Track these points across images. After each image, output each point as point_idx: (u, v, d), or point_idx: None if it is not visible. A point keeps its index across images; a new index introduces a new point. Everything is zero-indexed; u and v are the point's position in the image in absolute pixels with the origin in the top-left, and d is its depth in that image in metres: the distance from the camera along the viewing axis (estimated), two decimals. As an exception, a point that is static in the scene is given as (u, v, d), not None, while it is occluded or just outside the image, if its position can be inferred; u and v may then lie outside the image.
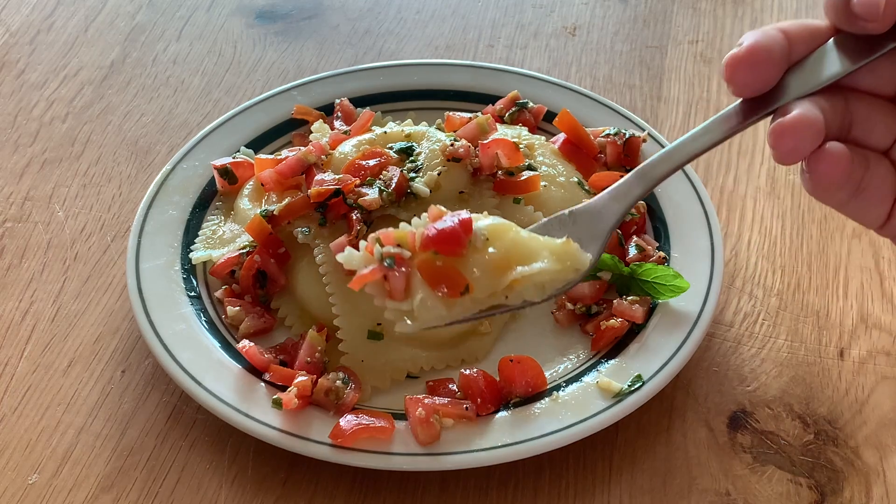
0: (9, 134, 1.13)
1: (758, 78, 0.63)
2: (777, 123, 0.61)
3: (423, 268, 0.71)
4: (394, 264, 0.70)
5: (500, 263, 0.72)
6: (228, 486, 0.81)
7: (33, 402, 0.86)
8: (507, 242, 0.73)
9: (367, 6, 1.33)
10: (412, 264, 0.70)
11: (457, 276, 0.71)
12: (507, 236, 0.73)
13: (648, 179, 0.72)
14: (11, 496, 0.80)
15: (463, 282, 0.71)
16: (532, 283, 0.73)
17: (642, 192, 0.73)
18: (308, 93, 1.09)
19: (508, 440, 0.79)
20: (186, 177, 0.99)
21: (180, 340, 0.85)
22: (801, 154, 0.61)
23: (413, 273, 0.71)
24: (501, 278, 0.72)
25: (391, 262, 0.70)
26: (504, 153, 0.93)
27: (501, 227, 0.74)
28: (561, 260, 0.73)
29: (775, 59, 0.62)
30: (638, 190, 0.73)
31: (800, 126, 0.60)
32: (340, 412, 0.80)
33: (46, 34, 1.27)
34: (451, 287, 0.71)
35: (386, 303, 0.72)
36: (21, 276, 0.97)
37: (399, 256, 0.71)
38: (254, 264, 0.90)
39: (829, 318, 0.94)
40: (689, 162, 0.70)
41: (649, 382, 0.82)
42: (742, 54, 0.62)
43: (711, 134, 0.68)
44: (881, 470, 0.82)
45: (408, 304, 0.72)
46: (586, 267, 0.74)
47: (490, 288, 0.72)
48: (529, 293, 0.74)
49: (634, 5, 1.33)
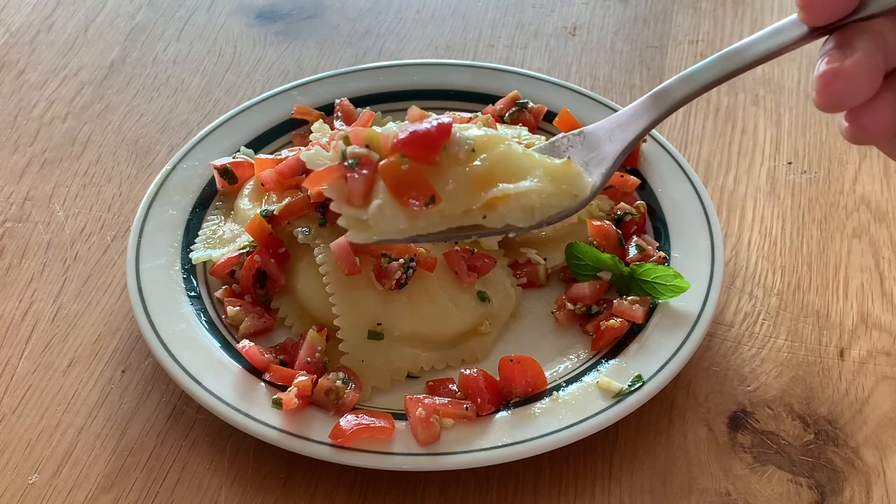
0: (9, 134, 1.13)
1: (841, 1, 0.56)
2: (830, 69, 0.55)
3: (385, 171, 0.63)
4: (356, 165, 0.63)
5: (480, 177, 0.65)
6: (228, 486, 0.81)
7: (33, 402, 0.86)
8: (494, 156, 0.65)
9: (368, 6, 1.33)
10: (378, 168, 0.63)
11: (422, 184, 0.63)
12: (497, 149, 0.65)
13: (667, 101, 0.66)
14: (11, 496, 0.80)
15: (429, 191, 0.63)
16: (518, 204, 0.65)
17: (660, 114, 0.66)
18: (308, 93, 1.09)
19: (508, 440, 0.79)
20: (186, 177, 0.99)
21: (180, 340, 0.85)
22: (850, 104, 0.56)
23: (378, 178, 0.63)
24: (479, 194, 0.64)
25: (354, 163, 0.63)
26: (504, 153, 0.93)
27: (491, 139, 0.66)
28: (556, 182, 0.66)
29: None
30: (655, 111, 0.67)
31: (856, 73, 0.55)
32: (340, 412, 0.80)
33: (46, 34, 1.27)
34: (414, 196, 0.63)
35: (343, 208, 0.65)
36: (21, 276, 0.97)
37: (365, 158, 0.63)
38: (254, 264, 0.90)
39: (830, 318, 0.94)
40: (713, 87, 0.64)
41: (649, 382, 0.82)
42: None
43: (744, 54, 0.61)
44: (881, 470, 0.82)
45: (365, 211, 0.64)
46: (586, 194, 0.66)
47: (464, 203, 0.65)
48: (514, 216, 0.66)
49: (634, 5, 1.33)
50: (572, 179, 0.66)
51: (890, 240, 1.01)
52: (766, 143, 1.13)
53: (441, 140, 0.63)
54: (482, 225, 0.68)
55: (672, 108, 0.67)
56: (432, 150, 0.63)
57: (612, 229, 0.94)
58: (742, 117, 1.16)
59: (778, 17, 1.30)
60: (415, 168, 0.63)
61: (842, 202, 1.05)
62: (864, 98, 0.56)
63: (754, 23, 1.29)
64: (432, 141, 0.63)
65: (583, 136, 0.70)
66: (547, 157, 0.69)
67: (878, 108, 0.57)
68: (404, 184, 0.63)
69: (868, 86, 0.55)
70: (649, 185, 1.00)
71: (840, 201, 1.05)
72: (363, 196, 0.64)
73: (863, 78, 0.55)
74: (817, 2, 0.57)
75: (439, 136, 0.63)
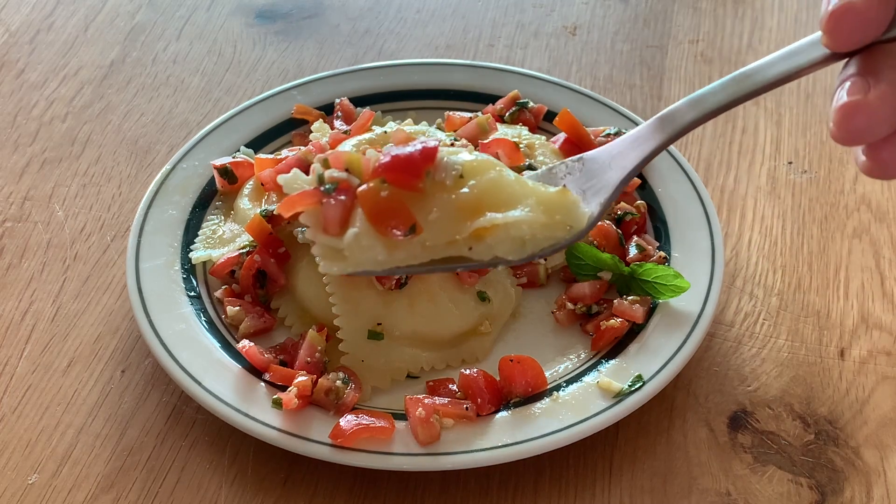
0: (8, 133, 1.13)
1: (871, 26, 0.51)
2: (852, 101, 0.50)
3: (364, 197, 0.58)
4: (334, 190, 0.58)
5: (467, 206, 0.60)
6: (228, 486, 0.81)
7: (33, 402, 0.86)
8: (484, 182, 0.60)
9: (368, 6, 1.33)
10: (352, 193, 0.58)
11: (403, 212, 0.58)
12: (487, 175, 0.61)
13: (674, 126, 0.61)
14: (11, 496, 0.79)
15: (409, 220, 0.58)
16: (508, 235, 0.61)
17: (665, 140, 0.62)
18: (308, 92, 1.09)
19: (508, 440, 0.78)
20: (186, 176, 0.99)
21: (180, 340, 0.85)
22: (871, 139, 0.52)
23: (357, 204, 0.58)
24: (465, 223, 0.60)
25: (331, 188, 0.58)
26: (504, 153, 0.93)
27: (482, 164, 0.61)
28: (549, 212, 0.61)
29: None
30: (660, 137, 0.62)
31: (880, 106, 0.50)
32: (340, 412, 0.80)
33: (46, 34, 1.27)
34: (394, 225, 0.58)
35: (317, 236, 0.61)
36: (21, 275, 0.97)
37: (344, 183, 0.58)
38: (254, 264, 0.90)
39: (830, 318, 0.94)
40: (723, 111, 0.59)
41: (650, 382, 0.82)
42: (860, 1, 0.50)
43: (757, 77, 0.57)
44: (882, 470, 0.82)
45: (339, 241, 0.60)
46: (583, 225, 0.62)
47: (448, 234, 0.60)
48: (503, 248, 0.61)
49: (635, 5, 1.33)
50: (567, 209, 0.62)
51: (890, 239, 1.01)
52: (766, 142, 1.12)
53: (425, 165, 0.59)
54: (468, 257, 0.63)
55: (678, 134, 0.62)
56: (415, 175, 0.59)
57: (612, 229, 0.94)
58: (742, 117, 1.15)
59: (778, 17, 1.30)
60: (395, 195, 0.59)
61: (842, 202, 1.05)
62: (886, 133, 0.52)
63: (755, 22, 1.29)
64: (415, 166, 0.58)
65: (582, 163, 0.66)
66: (541, 185, 0.64)
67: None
68: (383, 211, 0.58)
69: (891, 121, 0.51)
70: (650, 184, 1.00)
71: (840, 201, 1.05)
72: (339, 224, 0.59)
73: (886, 112, 0.51)
74: (844, 27, 0.52)
75: (423, 160, 0.59)
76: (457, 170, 0.60)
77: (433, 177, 0.60)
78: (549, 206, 0.61)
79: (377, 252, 0.60)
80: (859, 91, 0.51)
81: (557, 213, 0.62)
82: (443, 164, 0.60)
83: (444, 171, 0.60)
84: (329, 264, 0.60)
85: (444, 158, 0.62)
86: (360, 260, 0.60)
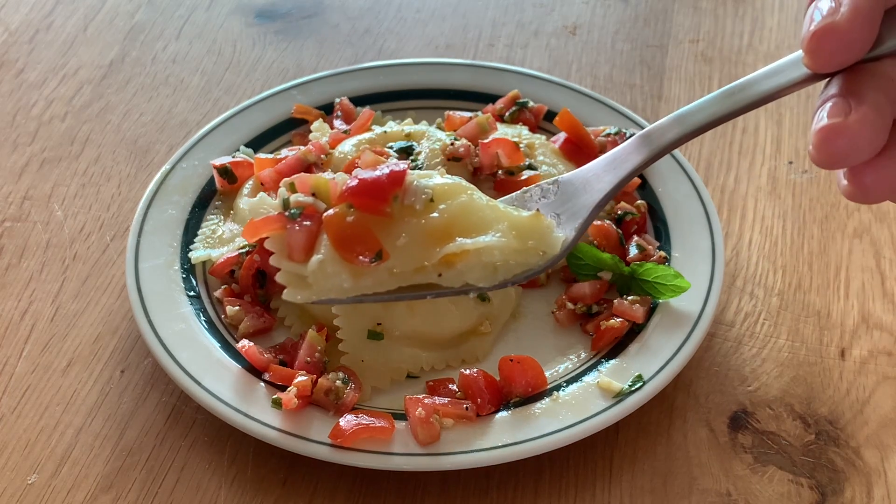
0: (8, 133, 1.13)
1: (854, 48, 0.49)
2: (831, 124, 0.48)
3: (329, 223, 0.57)
4: (298, 215, 0.57)
5: (436, 231, 0.59)
6: (228, 487, 0.80)
7: (32, 402, 0.86)
8: (454, 207, 0.59)
9: (367, 5, 1.33)
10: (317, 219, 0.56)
11: (368, 239, 0.57)
12: (458, 199, 0.59)
13: (654, 146, 0.60)
14: (10, 496, 0.79)
15: (375, 246, 0.56)
16: (479, 261, 0.59)
17: (643, 161, 0.60)
18: (308, 92, 1.09)
19: (508, 440, 0.78)
20: (186, 176, 0.99)
21: (179, 340, 0.85)
22: (852, 163, 0.50)
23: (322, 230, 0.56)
24: (434, 249, 0.59)
25: (296, 213, 0.57)
26: (504, 152, 0.93)
27: (452, 188, 0.60)
28: (521, 236, 0.60)
29: (876, 19, 0.48)
30: (639, 157, 0.61)
31: (860, 130, 0.47)
32: (340, 412, 0.80)
33: (45, 33, 1.27)
34: (360, 251, 0.56)
35: (282, 262, 0.59)
36: (20, 275, 0.97)
37: (310, 208, 0.57)
38: (253, 264, 0.90)
39: (831, 318, 0.94)
40: (708, 130, 0.58)
41: (650, 382, 0.82)
42: (844, 22, 0.47)
43: (741, 94, 0.55)
44: (882, 470, 0.82)
45: (303, 267, 0.58)
46: (556, 251, 0.61)
47: (416, 260, 0.58)
48: (473, 274, 0.60)
49: (635, 4, 1.33)
50: (541, 234, 0.60)
51: (891, 239, 1.01)
52: (766, 142, 1.12)
53: (392, 189, 0.57)
54: (437, 284, 0.61)
55: (659, 154, 0.60)
56: (381, 200, 0.57)
57: (612, 229, 0.94)
58: (743, 117, 1.15)
59: (779, 16, 1.30)
60: (361, 220, 0.57)
61: (843, 202, 1.05)
62: (867, 157, 0.50)
63: (755, 22, 1.29)
64: (381, 190, 0.57)
65: (557, 185, 0.64)
66: (514, 209, 0.62)
67: (883, 167, 0.50)
68: (349, 237, 0.56)
69: (873, 144, 0.49)
70: (650, 184, 0.99)
71: (841, 201, 1.05)
72: (304, 250, 0.58)
73: (867, 135, 0.48)
74: (826, 48, 0.49)
75: (390, 184, 0.57)
76: (427, 193, 0.59)
77: (402, 201, 0.58)
78: (521, 230, 0.60)
79: (342, 279, 0.58)
80: (840, 113, 0.49)
81: (530, 237, 0.60)
82: (412, 188, 0.59)
83: (414, 195, 0.59)
84: (293, 292, 0.58)
85: (414, 182, 0.60)
86: (324, 287, 0.58)
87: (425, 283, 0.60)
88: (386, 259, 0.57)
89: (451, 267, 0.59)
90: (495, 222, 0.59)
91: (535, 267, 0.60)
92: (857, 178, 0.51)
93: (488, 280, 0.61)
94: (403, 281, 0.60)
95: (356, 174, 0.58)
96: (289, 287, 0.57)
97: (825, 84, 0.54)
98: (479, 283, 0.59)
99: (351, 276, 0.57)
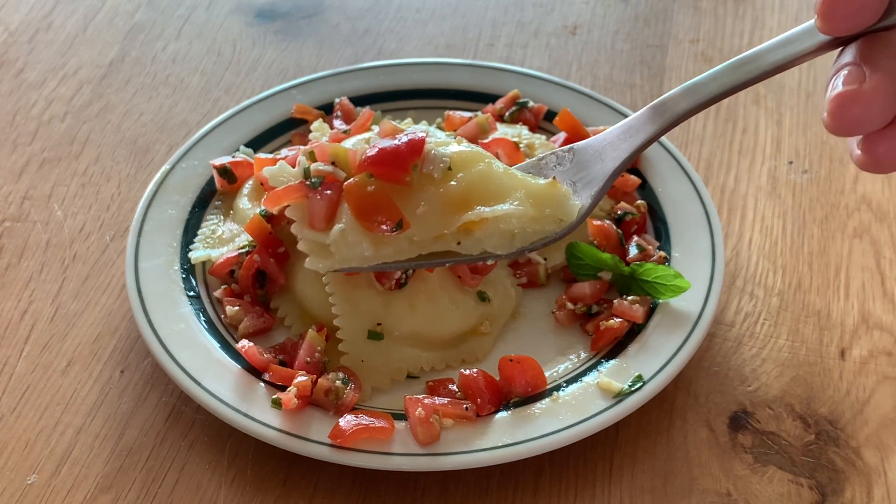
0: (7, 133, 1.13)
1: (866, 12, 0.49)
2: (846, 91, 0.49)
3: (350, 192, 0.57)
4: (319, 184, 0.58)
5: (455, 199, 0.59)
6: (228, 487, 0.80)
7: (32, 402, 0.86)
8: (472, 175, 0.60)
9: (367, 5, 1.33)
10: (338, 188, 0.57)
11: (389, 208, 0.57)
12: (476, 167, 0.60)
13: (666, 116, 0.60)
14: (10, 496, 0.79)
15: (396, 215, 0.57)
16: (497, 229, 0.60)
17: (657, 130, 0.61)
18: (308, 92, 1.09)
19: (508, 440, 0.78)
20: (185, 176, 0.99)
21: (179, 340, 0.85)
22: (865, 131, 0.50)
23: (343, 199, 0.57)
24: (453, 218, 0.59)
25: (317, 182, 0.58)
26: (504, 152, 0.93)
27: (471, 156, 0.61)
28: (539, 204, 0.60)
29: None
30: (652, 127, 0.61)
31: (875, 97, 0.48)
32: (340, 412, 0.80)
33: (45, 33, 1.27)
34: (380, 220, 0.57)
35: (303, 231, 0.60)
36: (20, 275, 0.97)
37: (330, 176, 0.57)
38: (253, 264, 0.90)
39: (830, 318, 0.93)
40: (719, 100, 0.58)
41: (650, 382, 0.82)
42: None
43: (753, 65, 0.55)
44: (882, 470, 0.82)
45: (325, 236, 0.59)
46: (572, 218, 0.61)
47: (436, 228, 0.59)
48: (491, 242, 0.61)
49: (635, 4, 1.33)
50: (557, 202, 0.61)
51: (891, 239, 1.01)
52: (766, 142, 1.12)
53: (412, 158, 0.58)
54: (456, 252, 0.62)
55: (672, 123, 0.61)
56: (402, 169, 0.58)
57: (612, 229, 0.94)
58: (743, 116, 1.15)
59: (779, 16, 1.30)
60: (382, 189, 0.58)
61: (843, 202, 1.05)
62: (881, 125, 0.50)
63: (755, 22, 1.29)
64: (402, 159, 0.57)
65: (573, 153, 0.65)
66: (530, 177, 0.63)
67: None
68: (369, 207, 0.57)
69: (886, 112, 0.49)
70: (650, 184, 0.99)
71: (841, 201, 1.05)
72: (325, 219, 0.59)
73: (882, 103, 0.49)
74: (838, 10, 0.50)
75: (410, 153, 0.58)
76: (445, 162, 0.59)
77: (421, 170, 0.59)
78: (538, 198, 0.60)
79: (363, 248, 0.59)
80: (855, 80, 0.50)
81: (547, 205, 0.61)
82: (431, 156, 0.59)
83: (433, 163, 0.59)
84: (315, 261, 0.59)
85: (433, 151, 0.61)
86: (346, 256, 0.59)
87: (443, 251, 0.60)
88: (406, 228, 0.57)
89: (470, 235, 0.59)
90: (513, 190, 0.60)
91: (553, 234, 0.60)
92: (870, 147, 0.51)
93: (505, 247, 0.61)
94: (423, 249, 0.60)
95: (375, 143, 0.58)
96: (311, 256, 0.57)
97: (838, 53, 0.54)
98: (496, 251, 0.60)
99: (372, 244, 0.57)
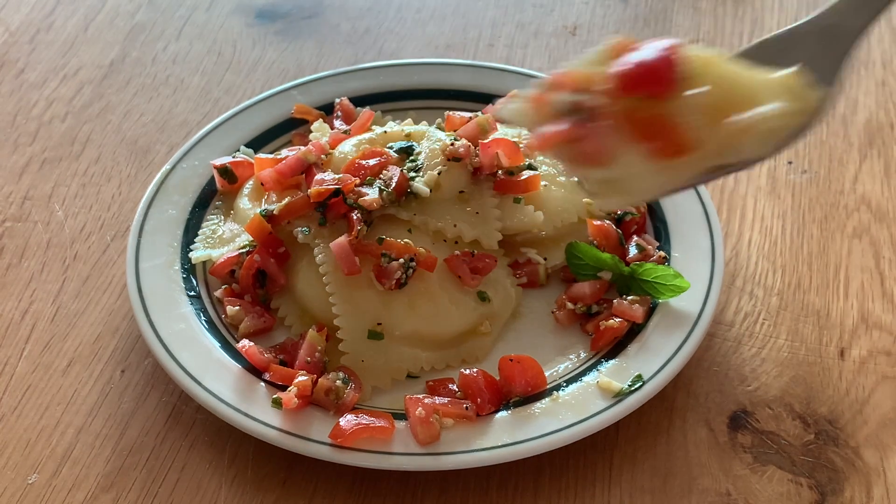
0: (8, 133, 1.13)
1: None
2: None
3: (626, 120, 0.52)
4: (588, 118, 0.52)
5: (718, 106, 0.54)
6: (228, 486, 0.81)
7: (33, 402, 0.86)
8: (716, 79, 0.55)
9: (367, 5, 1.33)
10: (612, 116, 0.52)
11: (674, 129, 0.52)
12: (716, 70, 0.55)
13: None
14: (11, 496, 0.79)
15: (684, 136, 0.52)
16: (758, 131, 0.56)
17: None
18: (308, 92, 1.09)
19: (508, 440, 0.78)
20: (186, 176, 0.99)
21: (180, 340, 0.85)
22: None
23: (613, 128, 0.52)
24: (718, 128, 0.54)
25: (584, 117, 0.52)
26: (504, 153, 0.93)
27: (709, 59, 0.55)
28: (792, 98, 0.56)
29: None
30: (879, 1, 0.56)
31: None
32: (340, 412, 0.80)
33: (46, 33, 1.27)
34: (670, 144, 0.52)
35: (587, 172, 0.55)
36: (20, 275, 0.97)
37: (593, 107, 0.51)
38: (254, 264, 0.90)
39: (830, 317, 0.94)
40: None
41: (650, 382, 0.82)
42: None
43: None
44: (882, 470, 0.82)
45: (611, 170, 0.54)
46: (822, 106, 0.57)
47: (716, 140, 0.54)
48: (753, 146, 0.56)
49: (635, 4, 1.33)
50: (806, 92, 0.56)
51: (890, 239, 1.01)
52: (766, 142, 1.12)
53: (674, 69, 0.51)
54: (724, 164, 0.58)
55: None
56: (670, 82, 0.51)
57: (612, 229, 0.94)
58: (742, 117, 1.15)
59: (779, 16, 1.30)
60: (652, 109, 0.52)
61: (842, 202, 1.05)
62: None
63: (755, 22, 1.29)
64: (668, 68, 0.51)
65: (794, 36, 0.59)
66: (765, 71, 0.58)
67: None
68: (654, 131, 0.52)
69: None
70: (649, 184, 0.99)
71: (840, 201, 1.05)
72: (607, 154, 0.53)
73: None
74: None
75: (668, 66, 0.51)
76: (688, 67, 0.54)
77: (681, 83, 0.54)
78: (790, 91, 0.56)
79: (656, 177, 0.55)
80: None
81: (798, 98, 0.56)
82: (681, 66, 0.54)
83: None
84: (607, 200, 0.55)
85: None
86: (641, 188, 0.55)
87: (714, 166, 0.57)
88: (695, 149, 0.53)
89: (736, 142, 0.55)
90: (764, 88, 0.56)
91: (802, 126, 0.56)
92: None
93: (765, 149, 0.57)
94: (700, 167, 0.56)
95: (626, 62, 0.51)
96: (600, 198, 0.56)
97: None
98: (755, 155, 0.56)
99: (663, 172, 0.53)
